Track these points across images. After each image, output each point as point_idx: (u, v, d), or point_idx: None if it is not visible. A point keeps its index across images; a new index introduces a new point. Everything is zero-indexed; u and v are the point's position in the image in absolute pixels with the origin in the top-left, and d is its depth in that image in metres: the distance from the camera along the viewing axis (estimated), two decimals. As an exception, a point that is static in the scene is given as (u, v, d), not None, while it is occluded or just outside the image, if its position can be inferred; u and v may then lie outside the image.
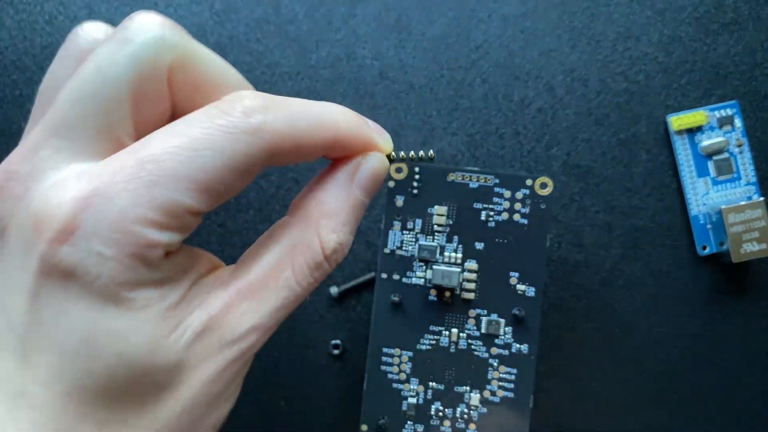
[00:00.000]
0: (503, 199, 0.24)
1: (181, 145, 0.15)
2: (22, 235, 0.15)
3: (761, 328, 0.28)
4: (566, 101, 0.29)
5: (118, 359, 0.15)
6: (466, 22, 0.29)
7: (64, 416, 0.15)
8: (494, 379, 0.24)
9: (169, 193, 0.15)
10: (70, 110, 0.15)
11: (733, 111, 0.28)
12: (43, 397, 0.15)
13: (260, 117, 0.15)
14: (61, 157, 0.15)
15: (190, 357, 0.16)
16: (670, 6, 0.29)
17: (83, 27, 0.17)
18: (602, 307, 0.28)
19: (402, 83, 0.29)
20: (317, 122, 0.16)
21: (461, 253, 0.24)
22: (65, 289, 0.15)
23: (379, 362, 0.24)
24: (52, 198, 0.15)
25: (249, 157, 0.15)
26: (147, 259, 0.15)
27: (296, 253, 0.17)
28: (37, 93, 0.18)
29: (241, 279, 0.17)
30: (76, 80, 0.16)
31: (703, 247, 0.28)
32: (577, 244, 0.28)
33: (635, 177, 0.28)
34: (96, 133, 0.16)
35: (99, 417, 0.15)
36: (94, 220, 0.14)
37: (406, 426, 0.24)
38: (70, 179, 0.15)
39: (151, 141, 0.15)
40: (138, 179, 0.14)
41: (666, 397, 0.28)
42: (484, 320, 0.24)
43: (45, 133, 0.15)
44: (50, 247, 0.14)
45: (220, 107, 0.15)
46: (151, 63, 0.16)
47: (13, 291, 0.15)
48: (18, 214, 0.15)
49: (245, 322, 0.16)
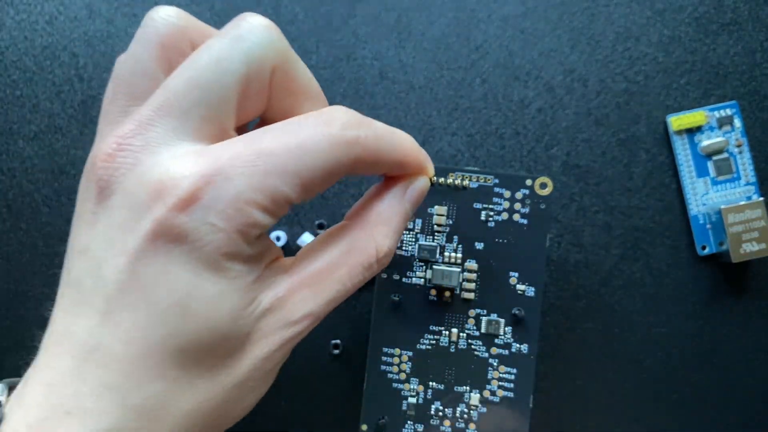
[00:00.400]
0: (503, 199, 0.24)
1: (292, 144, 0.17)
2: (134, 200, 0.16)
3: (761, 328, 0.28)
4: (566, 101, 0.29)
5: (206, 322, 0.17)
6: (466, 22, 0.29)
7: (137, 373, 0.16)
8: (494, 379, 0.24)
9: (278, 183, 0.16)
10: (185, 95, 0.17)
11: (732, 111, 0.28)
12: (119, 354, 0.16)
13: (355, 132, 0.18)
14: (173, 135, 0.17)
15: (255, 331, 0.18)
16: (669, 6, 0.29)
17: (158, 12, 0.19)
18: (602, 307, 0.28)
19: (402, 83, 0.29)
20: (393, 144, 0.19)
21: (461, 253, 0.24)
22: (170, 252, 0.16)
23: (379, 362, 0.24)
24: (177, 169, 0.16)
25: (341, 163, 0.17)
26: (247, 236, 0.17)
27: (352, 253, 0.19)
28: (114, 70, 0.20)
29: (304, 270, 0.19)
30: (191, 68, 0.17)
31: (703, 247, 0.28)
32: (577, 244, 0.28)
33: (635, 177, 0.28)
34: (206, 119, 0.17)
35: (172, 375, 0.17)
36: (214, 195, 0.16)
37: (406, 426, 0.24)
38: (190, 155, 0.17)
39: (265, 135, 0.17)
40: (254, 167, 0.16)
41: (665, 396, 0.28)
42: (484, 320, 0.24)
43: (159, 113, 0.17)
44: (169, 212, 0.16)
45: (323, 118, 0.17)
46: (260, 61, 0.17)
47: (113, 251, 0.16)
48: (129, 181, 0.16)
49: (303, 308, 0.18)
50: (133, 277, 0.16)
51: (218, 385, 0.17)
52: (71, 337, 0.16)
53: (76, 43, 0.29)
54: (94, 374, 0.16)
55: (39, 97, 0.29)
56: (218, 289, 0.17)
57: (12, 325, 0.29)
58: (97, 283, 0.16)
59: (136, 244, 0.16)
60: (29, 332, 0.29)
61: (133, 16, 0.29)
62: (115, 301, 0.16)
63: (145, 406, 0.16)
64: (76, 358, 0.16)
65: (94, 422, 0.16)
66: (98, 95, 0.29)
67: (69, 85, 0.29)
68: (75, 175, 0.29)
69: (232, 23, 0.18)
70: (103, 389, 0.16)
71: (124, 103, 0.18)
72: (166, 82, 0.17)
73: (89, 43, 0.29)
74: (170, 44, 0.18)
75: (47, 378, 0.16)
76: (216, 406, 0.18)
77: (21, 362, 0.17)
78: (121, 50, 0.29)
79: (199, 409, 0.17)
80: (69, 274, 0.17)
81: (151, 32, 0.19)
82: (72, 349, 0.16)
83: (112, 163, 0.17)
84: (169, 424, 0.17)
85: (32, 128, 0.29)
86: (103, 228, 0.17)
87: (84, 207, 0.17)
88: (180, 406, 0.17)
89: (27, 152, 0.29)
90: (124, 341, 0.16)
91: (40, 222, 0.29)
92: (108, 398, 0.16)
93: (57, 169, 0.29)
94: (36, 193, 0.29)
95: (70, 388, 0.16)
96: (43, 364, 0.17)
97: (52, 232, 0.29)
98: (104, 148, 0.17)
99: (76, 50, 0.29)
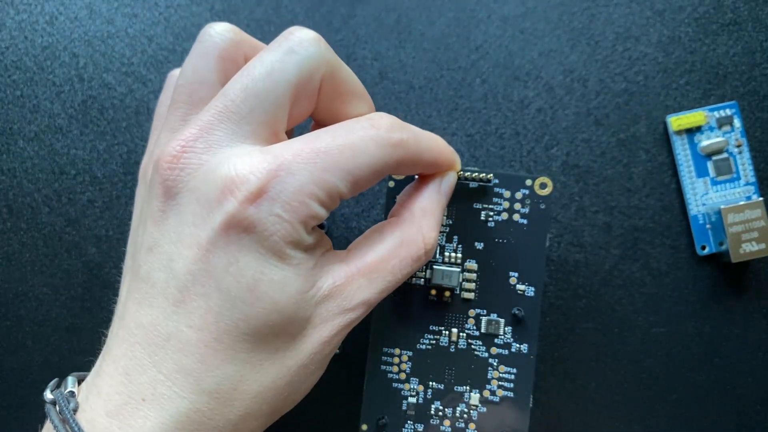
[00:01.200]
0: (503, 199, 0.24)
1: (345, 145, 0.18)
2: (204, 196, 0.18)
3: (761, 328, 0.28)
4: (566, 101, 0.29)
5: (274, 306, 0.18)
6: (466, 22, 0.29)
7: (211, 358, 0.18)
8: (494, 379, 0.24)
9: (334, 179, 0.18)
10: (243, 102, 0.18)
11: (732, 111, 0.28)
12: (193, 340, 0.18)
13: (399, 135, 0.19)
14: (232, 138, 0.18)
15: (316, 316, 0.19)
16: (669, 6, 0.29)
17: (216, 28, 0.21)
18: (602, 307, 0.28)
19: (402, 83, 0.29)
20: (430, 145, 0.21)
21: (461, 253, 0.24)
22: (240, 241, 0.18)
23: (379, 362, 0.24)
24: (244, 166, 0.18)
25: (386, 163, 0.19)
26: (307, 226, 0.18)
27: (403, 246, 0.21)
28: (170, 80, 0.23)
29: (359, 260, 0.20)
30: (247, 78, 0.19)
31: (703, 247, 0.28)
32: (577, 244, 0.28)
33: (635, 177, 0.28)
34: (261, 123, 0.19)
35: (242, 358, 0.18)
36: (279, 189, 0.18)
37: (406, 425, 0.24)
38: (254, 153, 0.18)
39: (321, 137, 0.19)
40: (314, 164, 0.18)
41: (665, 396, 0.28)
42: (484, 320, 0.24)
43: (220, 117, 0.18)
44: (241, 205, 0.17)
45: (370, 122, 0.19)
46: (310, 72, 0.19)
47: (184, 244, 0.18)
48: (196, 180, 0.18)
49: (359, 296, 0.20)
50: (204, 267, 0.18)
51: (283, 367, 0.19)
52: (145, 328, 0.18)
53: (77, 44, 0.29)
54: (169, 361, 0.17)
55: (39, 97, 0.29)
56: (283, 274, 0.18)
57: (12, 325, 0.29)
58: (169, 275, 0.18)
59: (209, 236, 0.18)
60: (29, 332, 0.29)
61: (133, 17, 0.29)
62: (187, 290, 0.18)
63: (218, 389, 0.18)
64: (150, 347, 0.18)
65: (172, 406, 0.17)
66: (98, 95, 0.29)
67: (69, 85, 0.29)
68: (75, 175, 0.29)
69: (283, 37, 0.19)
70: (178, 375, 0.17)
71: (183, 111, 0.20)
72: (224, 91, 0.19)
73: (89, 43, 0.29)
74: (227, 56, 0.20)
75: (122, 367, 0.18)
76: (281, 388, 0.19)
77: (21, 362, 0.17)
78: (121, 50, 0.29)
79: (266, 391, 0.19)
80: (138, 270, 0.18)
81: (210, 46, 0.20)
82: (146, 338, 0.18)
83: (177, 164, 0.18)
84: (238, 406, 0.18)
85: (32, 128, 0.29)
86: (173, 224, 0.18)
87: (150, 207, 0.19)
88: (249, 388, 0.18)
89: (27, 152, 0.29)
90: (198, 327, 0.18)
91: (40, 222, 0.29)
92: (183, 383, 0.17)
93: (57, 169, 0.29)
94: (36, 193, 0.29)
95: (146, 376, 0.17)
96: (119, 355, 0.18)
97: (52, 232, 0.29)
98: (169, 150, 0.18)
99: (76, 50, 0.29)
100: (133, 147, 0.29)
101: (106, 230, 0.29)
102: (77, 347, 0.29)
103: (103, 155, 0.29)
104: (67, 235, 0.29)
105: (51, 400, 0.18)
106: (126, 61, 0.29)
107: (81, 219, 0.29)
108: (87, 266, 0.29)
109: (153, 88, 0.29)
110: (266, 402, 0.19)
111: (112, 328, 0.19)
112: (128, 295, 0.19)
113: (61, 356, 0.29)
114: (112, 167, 0.29)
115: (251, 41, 0.21)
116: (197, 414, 0.18)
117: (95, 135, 0.29)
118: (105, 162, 0.29)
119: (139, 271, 0.18)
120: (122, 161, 0.29)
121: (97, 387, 0.18)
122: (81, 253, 0.29)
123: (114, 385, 0.17)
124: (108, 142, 0.29)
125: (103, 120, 0.29)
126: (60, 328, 0.29)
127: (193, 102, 0.20)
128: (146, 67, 0.29)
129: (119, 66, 0.29)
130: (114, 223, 0.29)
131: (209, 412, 0.18)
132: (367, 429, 0.24)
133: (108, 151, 0.29)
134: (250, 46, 0.21)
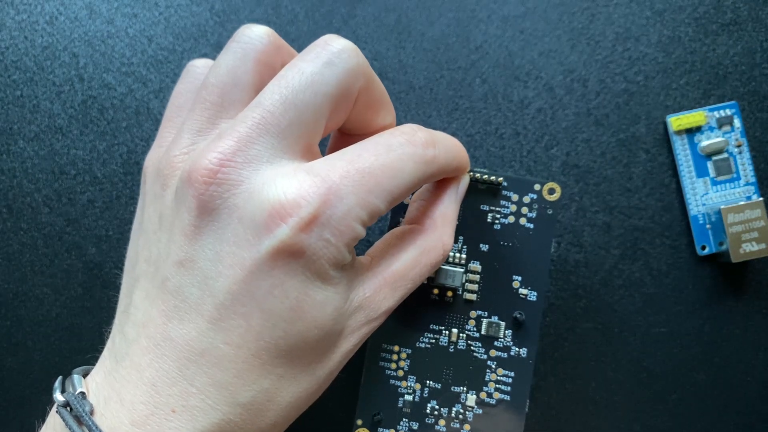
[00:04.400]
0: (510, 202, 0.24)
1: (387, 165, 0.18)
2: (249, 218, 0.17)
3: (761, 328, 0.28)
4: (566, 101, 0.29)
5: (314, 324, 0.18)
6: (466, 22, 0.29)
7: (247, 373, 0.18)
8: (491, 381, 0.24)
9: (377, 200, 0.18)
10: (283, 114, 0.18)
11: (732, 111, 0.28)
12: (229, 355, 0.17)
13: (433, 150, 0.20)
14: (272, 152, 0.18)
15: (346, 327, 0.20)
16: (669, 6, 0.29)
17: (255, 29, 0.20)
18: (602, 307, 0.28)
19: (402, 83, 0.29)
20: (454, 156, 0.21)
21: (465, 254, 0.24)
22: (287, 265, 0.17)
23: (377, 358, 0.24)
24: (293, 190, 0.17)
25: (420, 180, 0.19)
26: (350, 247, 0.19)
27: (424, 254, 0.21)
28: (195, 69, 0.22)
29: (385, 270, 0.20)
30: (286, 88, 0.18)
31: (703, 247, 0.28)
32: (577, 244, 0.28)
33: (634, 177, 0.28)
34: (300, 137, 0.18)
35: (278, 372, 0.18)
36: (329, 214, 0.17)
37: (401, 423, 0.24)
38: (300, 174, 0.18)
39: (363, 156, 0.18)
40: (360, 186, 0.18)
41: (665, 396, 0.28)
42: (485, 322, 0.24)
43: (259, 130, 0.18)
44: (292, 231, 0.17)
45: (407, 138, 0.19)
46: (350, 85, 0.19)
47: (224, 264, 0.17)
48: (237, 198, 0.17)
49: (384, 305, 0.20)
50: (247, 288, 0.17)
51: (315, 377, 0.19)
52: (174, 342, 0.17)
53: (77, 44, 0.29)
54: (203, 375, 0.17)
55: (39, 97, 0.29)
56: (325, 294, 0.18)
57: (12, 325, 0.29)
58: (205, 292, 0.17)
59: (254, 258, 0.17)
60: (29, 332, 0.29)
61: (133, 17, 0.29)
62: (226, 309, 0.17)
63: (252, 402, 0.18)
64: (181, 360, 0.17)
65: (204, 418, 0.17)
66: (98, 95, 0.29)
67: (69, 85, 0.29)
68: (75, 175, 0.29)
69: (320, 47, 0.19)
70: (211, 389, 0.17)
71: (212, 113, 0.19)
72: (260, 100, 0.18)
73: (89, 43, 0.29)
74: (266, 61, 0.20)
75: (148, 378, 0.17)
76: (310, 396, 0.20)
77: (21, 362, 0.17)
78: (121, 50, 0.29)
79: (298, 400, 0.19)
80: (166, 283, 0.18)
81: (249, 47, 0.19)
82: (175, 352, 0.17)
83: (214, 179, 0.17)
84: (270, 416, 0.18)
85: (32, 128, 0.29)
86: (210, 242, 0.17)
87: (180, 218, 0.18)
88: (282, 400, 0.19)
89: (27, 152, 0.29)
90: (237, 345, 0.17)
91: (40, 222, 0.29)
92: (217, 396, 0.17)
93: (57, 169, 0.29)
94: (36, 193, 0.29)
95: (176, 388, 0.17)
96: (143, 365, 0.17)
97: (52, 232, 0.29)
98: (205, 163, 0.17)
99: (76, 50, 0.29)
100: (133, 147, 0.29)
101: (106, 230, 0.29)
102: (77, 347, 0.29)
103: (103, 155, 0.29)
104: (67, 235, 0.29)
105: (63, 402, 0.18)
106: (126, 61, 0.29)
107: (81, 219, 0.29)
108: (87, 266, 0.29)
109: (153, 88, 0.29)
110: (295, 409, 0.19)
111: (126, 330, 0.18)
112: (151, 304, 0.18)
113: (61, 356, 0.29)
114: (112, 167, 0.29)
115: (289, 48, 0.21)
116: (229, 424, 0.18)
117: (95, 135, 0.29)
118: (105, 162, 0.29)
119: (166, 283, 0.18)
120: (122, 161, 0.29)
121: (117, 394, 0.17)
122: (81, 253, 0.29)
123: (139, 395, 0.17)
124: (108, 142, 0.29)
125: (103, 120, 0.29)
126: (60, 328, 0.29)
127: (224, 104, 0.19)
128: (146, 67, 0.29)
129: (119, 66, 0.29)
130: (114, 223, 0.29)
131: (241, 422, 0.18)
132: (362, 424, 0.24)
133: (108, 151, 0.29)
134: (288, 52, 0.20)
